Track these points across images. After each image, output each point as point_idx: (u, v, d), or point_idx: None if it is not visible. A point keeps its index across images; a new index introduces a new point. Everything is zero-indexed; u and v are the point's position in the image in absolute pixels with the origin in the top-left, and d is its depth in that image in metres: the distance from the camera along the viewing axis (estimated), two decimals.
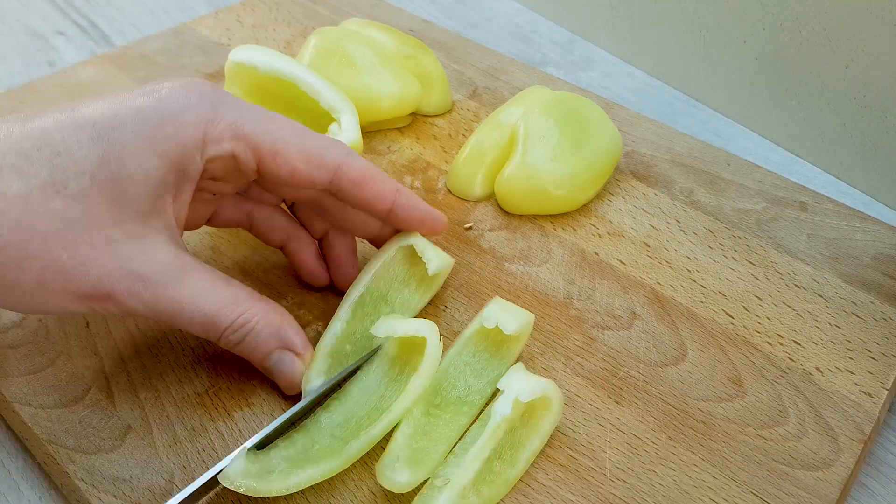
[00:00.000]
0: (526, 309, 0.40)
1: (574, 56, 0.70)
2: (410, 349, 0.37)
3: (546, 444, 0.36)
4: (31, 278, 0.32)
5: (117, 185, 0.33)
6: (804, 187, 0.50)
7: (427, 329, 0.36)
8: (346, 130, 0.44)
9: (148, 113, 0.34)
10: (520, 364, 0.37)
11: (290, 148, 0.37)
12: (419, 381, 0.35)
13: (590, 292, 0.44)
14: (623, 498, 0.35)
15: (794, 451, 0.36)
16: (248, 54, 0.49)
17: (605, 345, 0.41)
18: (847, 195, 0.56)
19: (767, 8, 0.56)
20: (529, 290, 0.44)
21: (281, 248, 0.43)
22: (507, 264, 0.45)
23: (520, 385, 0.35)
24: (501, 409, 0.34)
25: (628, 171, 0.52)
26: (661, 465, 0.36)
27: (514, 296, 0.44)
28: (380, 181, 0.39)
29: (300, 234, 0.43)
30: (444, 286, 0.44)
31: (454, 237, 0.47)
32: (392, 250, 0.42)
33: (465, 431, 0.36)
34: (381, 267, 0.41)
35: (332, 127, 0.47)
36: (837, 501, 0.34)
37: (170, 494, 0.35)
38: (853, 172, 0.56)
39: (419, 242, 0.41)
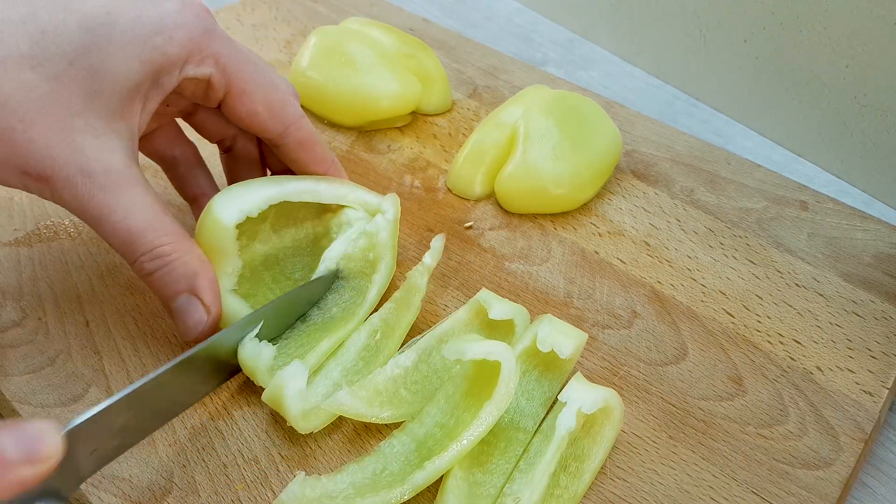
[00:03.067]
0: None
1: (574, 55, 0.70)
2: (487, 371, 0.35)
3: None
4: None
5: (93, 77, 0.34)
6: (804, 186, 0.50)
7: (501, 352, 0.34)
8: (387, 211, 0.43)
9: (142, 19, 0.35)
10: (579, 374, 0.36)
11: (258, 93, 0.39)
12: (491, 410, 0.33)
13: (590, 291, 0.44)
14: (624, 497, 0.35)
15: (795, 451, 0.36)
16: (237, 205, 0.39)
17: (606, 344, 0.41)
18: (847, 194, 0.56)
19: (768, 7, 0.56)
20: (529, 289, 0.44)
21: (190, 202, 0.45)
22: (507, 263, 0.45)
23: (582, 396, 0.35)
24: (566, 422, 0.34)
25: (628, 170, 0.52)
26: (662, 464, 0.36)
27: (514, 295, 0.43)
28: (321, 148, 0.42)
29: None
30: (445, 286, 0.44)
31: (454, 236, 0.47)
32: (461, 311, 0.41)
33: (523, 453, 0.36)
34: (451, 322, 0.40)
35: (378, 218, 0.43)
36: (838, 500, 0.34)
37: (169, 493, 0.35)
38: (853, 171, 0.56)
39: (483, 295, 0.40)
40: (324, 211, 0.44)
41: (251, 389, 0.39)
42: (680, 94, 0.65)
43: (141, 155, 0.41)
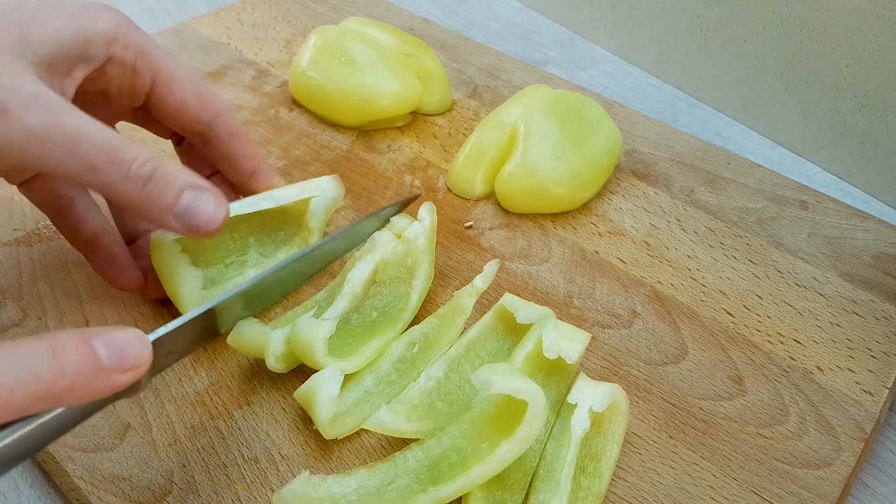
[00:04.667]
0: None
1: (574, 55, 0.70)
2: (515, 403, 0.33)
3: None
4: None
5: (26, 25, 0.34)
6: (805, 186, 0.50)
7: (530, 392, 0.32)
8: (424, 218, 0.43)
9: (74, 1, 0.36)
10: (582, 374, 0.36)
11: (185, 82, 0.40)
12: (508, 450, 0.31)
13: (590, 291, 0.44)
14: (624, 497, 0.35)
15: (795, 450, 0.36)
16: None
17: (606, 343, 0.41)
18: (847, 194, 0.56)
19: (768, 7, 0.56)
20: (530, 289, 0.44)
21: (88, 244, 0.41)
22: (507, 263, 0.45)
23: (591, 395, 0.35)
24: (581, 423, 0.34)
25: (628, 169, 0.52)
26: (662, 464, 0.36)
27: (514, 294, 0.43)
28: (250, 143, 0.43)
29: (114, 230, 0.42)
30: (445, 285, 0.44)
31: (454, 236, 0.47)
32: (486, 318, 0.40)
33: (539, 461, 0.35)
34: (477, 330, 0.40)
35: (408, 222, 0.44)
36: (838, 500, 0.34)
37: (169, 493, 0.35)
38: (853, 171, 0.56)
39: (508, 300, 0.40)
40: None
41: (251, 389, 0.39)
42: (680, 94, 0.65)
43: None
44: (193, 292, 0.40)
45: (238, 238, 0.42)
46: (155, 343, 0.31)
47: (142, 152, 0.33)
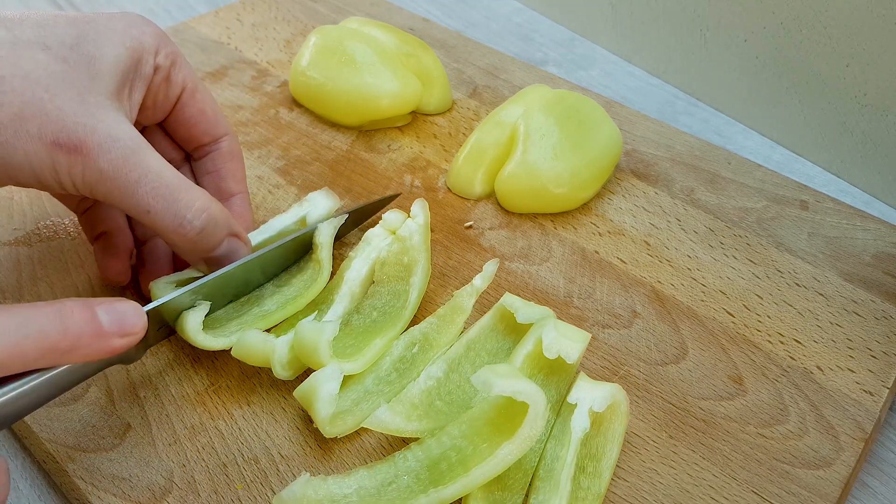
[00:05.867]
0: None
1: (574, 55, 0.70)
2: (516, 404, 0.33)
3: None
4: (8, 113, 0.32)
5: (91, 61, 0.35)
6: (805, 186, 0.50)
7: (531, 394, 0.32)
8: (417, 215, 0.44)
9: (115, 18, 0.38)
10: (582, 374, 0.36)
11: (206, 94, 0.42)
12: (509, 451, 0.31)
13: (590, 291, 0.44)
14: (624, 497, 0.35)
15: (795, 450, 0.36)
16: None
17: (606, 343, 0.41)
18: (847, 194, 0.56)
19: (768, 6, 0.56)
20: (530, 289, 0.44)
21: (100, 236, 0.42)
22: (507, 263, 0.45)
23: (591, 395, 0.35)
24: (581, 423, 0.34)
25: (629, 169, 0.52)
26: (662, 464, 0.36)
27: (514, 294, 0.43)
28: (243, 169, 0.44)
29: (127, 230, 0.43)
30: (445, 285, 0.44)
31: (454, 235, 0.47)
32: (486, 317, 0.40)
33: (539, 461, 0.35)
34: (477, 330, 0.40)
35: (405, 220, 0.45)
36: (838, 500, 0.34)
37: (169, 493, 0.35)
38: (853, 171, 0.56)
39: (508, 300, 0.40)
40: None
41: (251, 389, 0.39)
42: (680, 94, 0.65)
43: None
44: (199, 322, 0.38)
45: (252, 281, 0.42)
46: (150, 314, 0.34)
47: (197, 200, 0.36)
